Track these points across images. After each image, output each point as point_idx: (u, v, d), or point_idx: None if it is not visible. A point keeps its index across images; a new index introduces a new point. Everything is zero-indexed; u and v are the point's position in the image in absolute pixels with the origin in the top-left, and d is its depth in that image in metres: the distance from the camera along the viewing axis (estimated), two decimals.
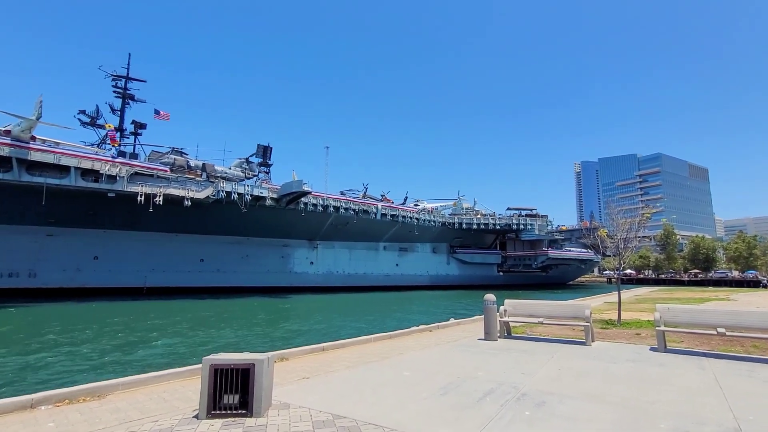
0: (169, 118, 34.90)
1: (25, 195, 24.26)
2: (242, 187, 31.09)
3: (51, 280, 28.18)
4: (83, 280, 29.18)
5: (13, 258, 27.11)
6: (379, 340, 9.04)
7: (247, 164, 36.57)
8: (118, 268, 30.31)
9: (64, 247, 28.54)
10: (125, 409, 4.60)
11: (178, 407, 4.62)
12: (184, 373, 5.82)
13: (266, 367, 3.74)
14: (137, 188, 25.95)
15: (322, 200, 36.37)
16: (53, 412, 4.47)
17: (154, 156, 33.03)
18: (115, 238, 29.90)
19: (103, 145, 31.32)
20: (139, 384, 5.35)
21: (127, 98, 35.13)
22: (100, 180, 24.91)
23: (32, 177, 23.36)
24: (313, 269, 40.17)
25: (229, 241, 34.61)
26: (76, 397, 4.81)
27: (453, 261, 52.11)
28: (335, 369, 6.35)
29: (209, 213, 30.87)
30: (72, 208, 26.52)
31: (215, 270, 34.28)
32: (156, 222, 29.20)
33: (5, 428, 4.04)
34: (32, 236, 27.45)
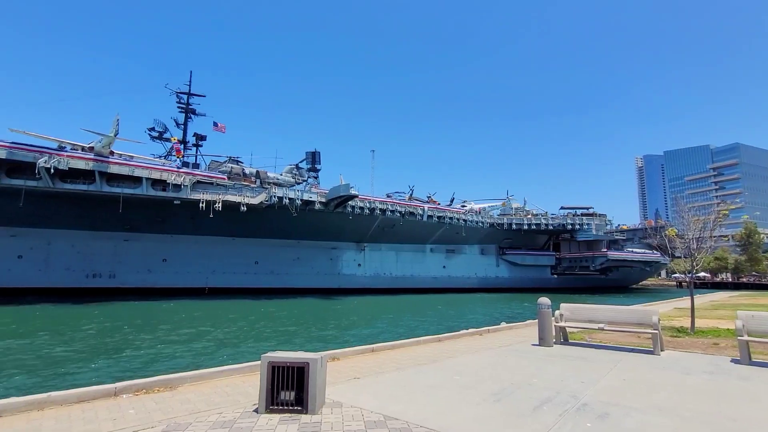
0: (225, 130, 37.30)
1: (106, 204, 27.05)
2: (293, 192, 32.38)
3: (127, 281, 31.16)
4: (154, 280, 31.94)
5: (95, 261, 30.36)
6: (429, 342, 8.99)
7: (297, 170, 38.03)
8: (183, 269, 32.82)
9: (138, 250, 31.44)
10: (194, 400, 4.97)
11: (239, 401, 4.91)
12: (243, 369, 6.17)
13: (320, 367, 3.87)
14: (199, 196, 27.96)
15: (369, 203, 36.87)
16: (133, 400, 4.93)
17: (214, 165, 35.39)
18: (180, 242, 32.43)
19: (169, 157, 34.15)
20: (205, 378, 5.75)
21: (189, 113, 38.04)
22: (167, 189, 27.16)
23: (111, 188, 26.02)
24: (360, 271, 40.82)
25: (281, 244, 36.18)
26: (152, 387, 5.27)
27: (503, 263, 50.49)
28: (385, 370, 6.41)
29: (263, 218, 32.48)
30: (144, 215, 29.15)
31: (269, 272, 35.99)
32: (216, 227, 31.24)
33: (94, 413, 4.52)
34: (111, 241, 30.56)
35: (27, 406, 4.55)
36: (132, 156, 28.35)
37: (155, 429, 4.05)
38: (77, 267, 29.84)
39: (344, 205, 34.33)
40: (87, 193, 25.61)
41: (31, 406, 4.57)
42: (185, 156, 35.25)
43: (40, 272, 28.77)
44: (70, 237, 29.35)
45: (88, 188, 25.36)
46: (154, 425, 4.15)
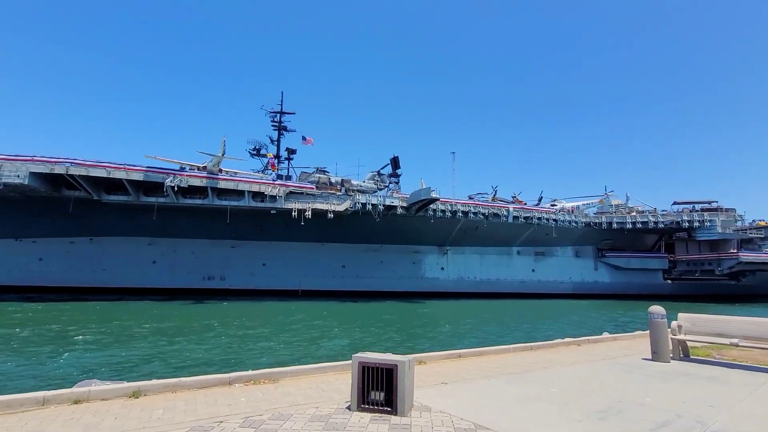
0: (312, 143, 40.17)
1: (217, 216, 30.91)
2: (375, 198, 33.40)
3: (234, 283, 35.17)
4: (256, 282, 35.53)
5: (209, 265, 34.90)
6: (519, 351, 8.52)
7: (379, 176, 39.16)
8: (280, 273, 35.94)
9: (242, 256, 35.34)
10: (293, 393, 5.41)
11: (333, 398, 5.20)
12: (336, 368, 6.53)
13: (408, 369, 3.93)
14: (291, 205, 30.41)
15: (451, 206, 36.37)
16: (244, 390, 5.54)
17: (303, 176, 38.24)
18: (277, 248, 35.62)
19: (266, 171, 37.79)
20: (302, 373, 6.22)
21: (281, 130, 41.76)
22: (264, 200, 30.07)
23: (221, 201, 29.70)
24: (443, 275, 40.34)
25: (366, 248, 37.52)
26: (259, 379, 5.86)
27: (602, 266, 45.63)
28: (474, 377, 6.24)
29: (348, 223, 34.07)
30: (247, 224, 32.65)
31: (355, 275, 37.53)
32: (307, 233, 33.64)
33: (214, 398, 5.18)
34: (222, 248, 34.84)
35: (163, 389, 5.40)
36: (236, 172, 32.00)
37: (262, 417, 4.49)
38: (196, 271, 34.59)
39: (426, 208, 34.35)
40: (202, 206, 29.57)
41: (166, 388, 5.41)
42: (279, 169, 38.68)
43: (168, 275, 33.97)
44: (190, 245, 34.17)
45: (203, 202, 29.28)
46: (261, 413, 4.61)
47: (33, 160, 24.95)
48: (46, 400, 4.83)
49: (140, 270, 33.34)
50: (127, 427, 4.15)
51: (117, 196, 27.72)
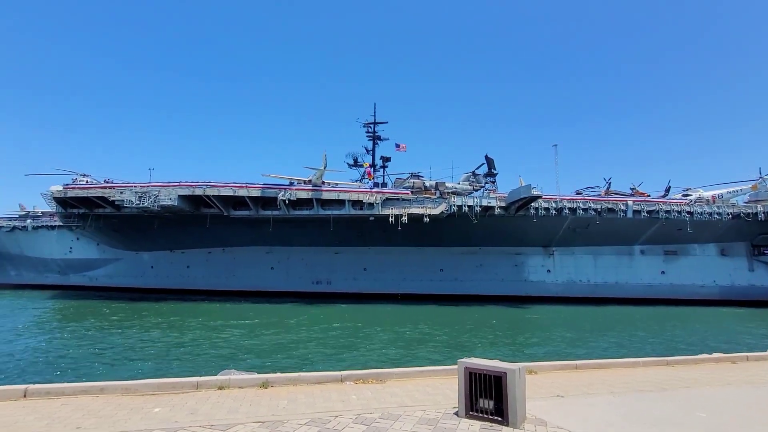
0: (406, 149, 40.93)
1: (322, 224, 33.48)
2: (471, 199, 32.53)
3: (339, 286, 37.58)
4: (358, 286, 37.42)
5: (317, 270, 37.94)
6: (652, 365, 7.42)
7: (474, 177, 38.08)
8: (380, 277, 37.27)
9: (345, 261, 37.60)
10: (400, 395, 5.55)
11: (440, 402, 5.20)
12: (440, 372, 6.51)
13: (518, 378, 3.73)
14: (388, 211, 31.37)
15: (555, 203, 33.50)
16: (354, 388, 5.88)
17: (398, 182, 39.16)
18: (376, 253, 37.06)
19: (363, 180, 39.70)
20: (409, 376, 6.35)
21: (375, 139, 43.50)
22: (363, 208, 31.59)
23: (325, 211, 32.13)
24: (550, 278, 37.23)
25: (463, 251, 36.70)
26: (367, 378, 6.15)
27: (760, 266, 37.11)
28: (596, 391, 5.63)
29: (445, 227, 33.76)
30: (348, 231, 34.67)
31: (453, 279, 36.94)
32: (404, 238, 34.30)
33: (328, 394, 5.60)
34: (327, 255, 37.59)
35: (286, 381, 6.02)
36: (337, 183, 34.29)
37: (373, 415, 4.70)
38: (306, 275, 37.90)
39: (527, 207, 32.23)
40: (309, 216, 32.36)
41: (289, 381, 6.02)
42: (375, 177, 40.28)
43: (284, 279, 37.84)
44: (300, 252, 37.61)
45: (309, 213, 32.03)
46: (371, 412, 4.83)
47: (180, 185, 30.25)
48: (198, 384, 5.79)
49: (261, 275, 37.82)
50: (260, 414, 4.73)
51: (241, 212, 31.96)
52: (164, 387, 5.64)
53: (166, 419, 4.52)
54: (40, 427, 4.27)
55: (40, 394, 5.33)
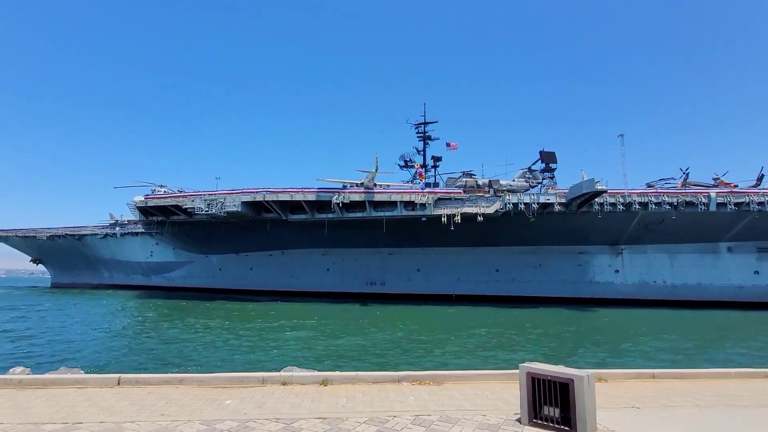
0: (457, 147, 40.21)
1: (375, 226, 33.94)
2: (527, 196, 31.14)
3: (393, 287, 37.80)
4: (412, 287, 37.38)
5: (371, 271, 38.48)
6: (746, 377, 6.59)
7: (530, 173, 36.41)
8: (433, 278, 36.92)
9: (399, 262, 37.74)
10: (458, 398, 5.44)
11: (500, 407, 5.02)
12: (501, 376, 6.30)
13: (587, 386, 3.49)
14: (440, 211, 31.01)
15: (623, 197, 30.96)
16: (411, 389, 5.87)
17: (450, 182, 38.58)
18: (430, 254, 36.77)
19: (414, 181, 39.65)
20: (466, 379, 6.22)
21: (426, 139, 43.26)
22: (415, 208, 31.53)
23: (377, 212, 32.55)
24: (619, 278, 34.44)
25: (520, 251, 35.21)
26: (424, 380, 6.12)
27: None
28: (677, 403, 5.12)
29: (499, 225, 32.65)
30: (400, 232, 34.78)
31: (510, 279, 35.57)
32: (457, 238, 33.69)
33: (386, 394, 5.64)
34: (380, 256, 38.00)
35: (344, 380, 6.16)
36: (389, 185, 34.58)
37: (431, 417, 4.66)
38: (360, 276, 38.61)
39: (590, 203, 30.16)
40: (362, 218, 32.95)
41: (347, 380, 6.16)
42: (426, 177, 40.03)
43: (339, 280, 38.87)
44: (354, 254, 38.41)
45: (362, 215, 32.62)
46: (429, 413, 4.79)
47: (242, 191, 32.32)
48: (264, 380, 6.13)
49: (317, 276, 39.19)
50: (321, 410, 4.89)
51: (298, 215, 33.39)
52: (234, 381, 6.05)
53: (237, 411, 4.84)
54: (131, 412, 4.77)
55: (131, 383, 5.96)
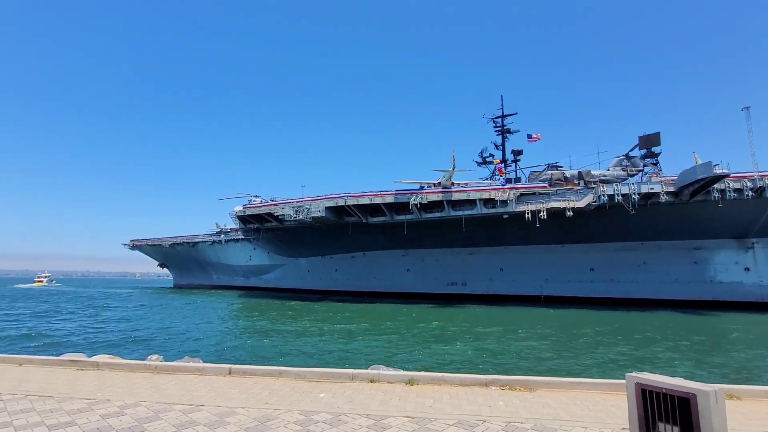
0: (540, 138, 37.73)
1: (454, 226, 33.36)
2: (626, 186, 27.92)
3: (475, 288, 36.71)
4: (495, 288, 35.90)
5: (451, 272, 37.84)
6: None
7: (627, 160, 32.61)
8: (518, 278, 35.00)
9: (480, 262, 36.53)
10: (553, 406, 5.08)
11: (604, 420, 4.57)
12: (601, 386, 5.73)
13: (714, 403, 3.01)
14: (524, 207, 29.31)
15: (751, 181, 26.10)
16: (500, 393, 5.64)
17: (533, 176, 36.31)
18: (513, 252, 34.97)
19: (493, 177, 38.12)
20: (562, 386, 5.78)
21: (505, 133, 41.37)
22: (496, 206, 30.26)
23: (456, 212, 31.95)
24: (750, 278, 29.00)
25: (618, 247, 31.67)
26: (514, 385, 5.83)
27: None
28: None
29: (593, 220, 29.80)
30: (481, 231, 33.67)
31: (608, 279, 32.18)
32: (545, 235, 31.53)
33: (473, 396, 5.50)
34: (460, 256, 37.19)
35: (430, 381, 6.15)
36: (467, 183, 33.74)
37: (524, 425, 4.43)
38: (440, 277, 38.23)
39: (706, 190, 25.99)
40: (440, 218, 32.62)
41: (433, 381, 6.14)
42: (507, 173, 38.24)
43: (420, 281, 38.95)
44: (434, 254, 38.18)
45: (440, 215, 32.29)
46: (522, 421, 4.55)
47: (326, 197, 34.22)
48: (353, 376, 6.40)
49: (398, 277, 39.74)
50: (409, 409, 4.95)
51: (377, 218, 34.27)
52: (326, 376, 6.42)
53: (330, 404, 5.13)
54: (241, 399, 5.34)
55: (240, 373, 6.67)
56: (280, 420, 4.53)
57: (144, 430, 4.18)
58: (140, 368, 7.04)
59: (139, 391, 5.67)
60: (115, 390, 5.74)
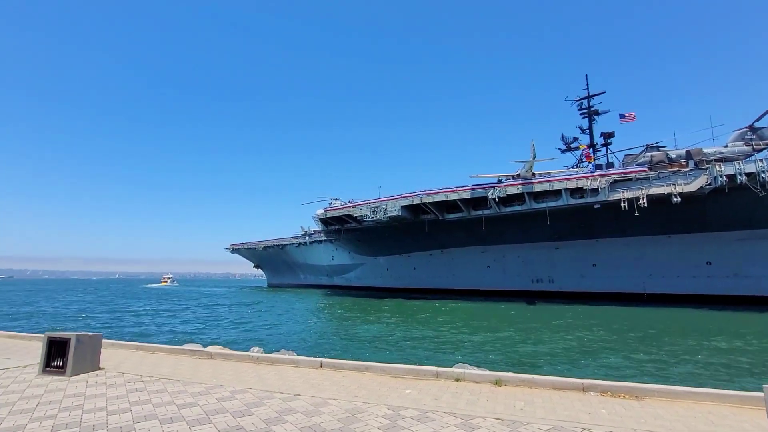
0: (635, 118, 33.61)
1: (536, 219, 31.38)
2: (751, 164, 23.62)
3: (564, 285, 34.04)
4: (587, 285, 32.88)
5: (536, 268, 35.55)
6: None
7: (752, 132, 27.45)
8: (615, 274, 31.57)
9: (568, 257, 33.75)
10: (666, 417, 4.52)
11: None
12: (729, 398, 4.95)
13: None
14: (618, 195, 26.42)
15: None
16: (601, 400, 5.17)
17: (628, 159, 32.52)
18: (608, 245, 31.68)
19: (580, 164, 35.01)
20: (675, 396, 5.11)
21: (592, 115, 37.72)
22: (585, 195, 27.73)
23: (538, 204, 30.01)
24: None
25: (741, 236, 26.83)
26: (617, 392, 5.31)
27: None
28: None
29: (708, 206, 25.74)
30: (568, 224, 31.13)
31: (731, 274, 27.45)
32: (646, 226, 28.09)
33: (568, 401, 5.12)
34: (545, 250, 34.77)
35: (519, 382, 5.87)
36: (549, 173, 31.48)
37: None
38: (523, 273, 36.19)
39: None
40: (521, 212, 30.91)
41: (522, 383, 5.86)
42: (596, 159, 34.84)
43: (501, 278, 37.33)
44: (515, 250, 36.28)
45: (521, 208, 30.60)
46: None
47: (401, 197, 34.61)
48: (438, 374, 6.39)
49: (478, 274, 38.57)
50: (498, 411, 4.79)
51: (454, 214, 33.68)
52: (411, 372, 6.50)
53: (416, 401, 5.19)
54: (332, 391, 5.67)
55: (329, 367, 7.08)
56: (370, 413, 4.71)
57: (252, 413, 4.66)
58: (245, 359, 7.85)
59: (246, 379, 6.34)
60: (226, 377, 6.49)
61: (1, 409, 4.77)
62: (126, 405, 4.97)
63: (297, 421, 4.43)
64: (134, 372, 6.74)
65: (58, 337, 6.50)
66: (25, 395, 5.38)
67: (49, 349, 6.45)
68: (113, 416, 4.56)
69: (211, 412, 4.71)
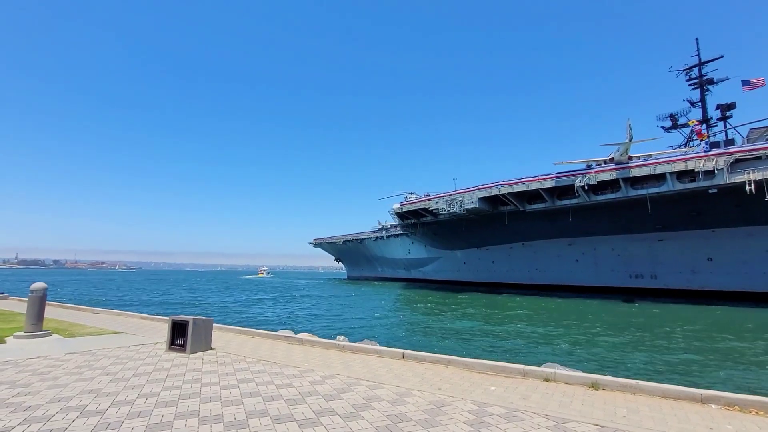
0: (765, 83, 28.02)
1: (634, 207, 28.05)
2: None
3: (670, 282, 29.98)
4: (701, 282, 28.56)
5: (634, 262, 31.82)
6: None
7: None
8: (739, 269, 26.93)
9: (675, 249, 29.61)
10: None
11: None
12: None
13: None
14: (741, 177, 22.42)
15: None
16: (725, 414, 4.48)
17: (754, 134, 27.41)
18: (727, 236, 27.13)
19: (690, 143, 30.42)
20: None
21: (704, 85, 32.43)
22: (696, 179, 24.07)
23: (636, 191, 26.77)
24: None
25: None
26: (747, 406, 4.55)
27: None
28: None
29: None
30: (675, 212, 27.31)
31: None
32: None
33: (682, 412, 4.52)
34: (645, 242, 30.94)
35: (621, 388, 5.35)
36: (650, 155, 27.89)
37: None
38: (619, 268, 32.66)
39: None
40: (615, 200, 27.88)
41: (624, 388, 5.33)
42: (711, 136, 29.94)
43: (593, 273, 34.16)
44: (609, 242, 32.89)
45: (615, 196, 27.60)
46: None
47: (478, 188, 33.51)
48: (525, 372, 6.09)
49: (565, 268, 35.80)
50: (596, 416, 4.41)
51: (536, 205, 31.64)
52: (495, 369, 6.30)
53: (503, 398, 5.01)
54: (416, 382, 5.74)
55: (412, 358, 7.17)
56: (455, 407, 4.67)
57: (341, 398, 4.93)
58: (332, 346, 8.32)
59: (333, 365, 6.72)
60: (316, 362, 6.95)
61: (141, 378, 5.70)
62: (234, 381, 5.60)
63: (383, 408, 4.58)
64: (239, 353, 7.55)
65: (180, 320, 7.54)
66: (158, 368, 6.35)
67: (173, 330, 7.52)
68: (225, 390, 5.17)
69: (306, 393, 5.09)
